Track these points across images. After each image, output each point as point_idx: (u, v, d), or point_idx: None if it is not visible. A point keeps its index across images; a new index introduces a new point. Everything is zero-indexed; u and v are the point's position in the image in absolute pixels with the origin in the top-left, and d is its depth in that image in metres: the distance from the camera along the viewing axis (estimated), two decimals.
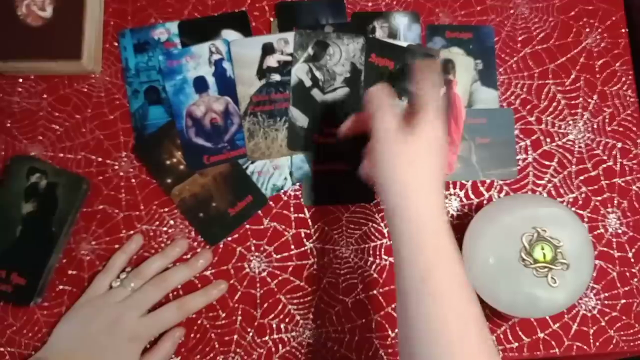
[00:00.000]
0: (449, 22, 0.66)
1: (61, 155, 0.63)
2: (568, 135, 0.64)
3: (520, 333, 0.60)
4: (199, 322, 0.60)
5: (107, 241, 0.61)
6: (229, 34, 0.64)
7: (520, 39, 0.66)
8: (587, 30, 0.66)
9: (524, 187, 0.63)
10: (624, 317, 0.61)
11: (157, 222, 0.62)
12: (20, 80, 0.64)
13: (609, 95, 0.65)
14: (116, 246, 0.61)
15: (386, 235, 0.62)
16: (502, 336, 0.60)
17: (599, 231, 0.62)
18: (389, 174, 0.47)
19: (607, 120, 0.65)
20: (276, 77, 0.63)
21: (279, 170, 0.62)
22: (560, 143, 0.64)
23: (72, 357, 0.55)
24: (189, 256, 0.61)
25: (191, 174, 0.62)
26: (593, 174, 0.64)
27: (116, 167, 0.63)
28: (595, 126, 0.65)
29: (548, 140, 0.64)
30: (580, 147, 0.64)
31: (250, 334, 0.60)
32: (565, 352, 0.60)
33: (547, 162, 0.64)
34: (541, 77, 0.65)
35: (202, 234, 0.61)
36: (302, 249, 0.62)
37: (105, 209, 0.62)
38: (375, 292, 0.61)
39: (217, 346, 0.60)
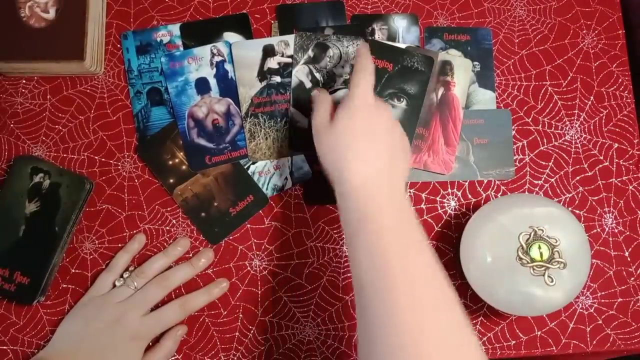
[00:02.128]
0: (447, 25, 0.66)
1: (64, 155, 0.63)
2: (565, 136, 0.65)
3: (517, 331, 0.61)
4: (201, 320, 0.61)
5: (110, 240, 0.62)
6: (230, 36, 0.65)
7: (517, 40, 0.67)
8: (584, 31, 0.67)
9: (521, 187, 0.64)
10: (620, 316, 0.61)
11: (160, 222, 0.62)
12: (24, 81, 0.65)
13: (606, 96, 0.66)
14: (119, 245, 0.61)
15: None
16: (499, 334, 0.61)
17: (595, 230, 0.63)
18: (325, 161, 0.51)
19: (603, 121, 0.65)
20: (277, 79, 0.64)
21: (279, 171, 0.63)
22: (557, 143, 0.65)
23: (75, 356, 0.55)
24: (190, 255, 0.61)
25: (193, 174, 0.63)
26: (590, 174, 0.64)
27: (119, 167, 0.63)
28: (591, 127, 0.65)
29: (545, 140, 0.65)
30: (577, 147, 0.65)
31: (252, 331, 0.61)
32: (562, 350, 0.61)
33: (544, 163, 0.64)
34: (538, 79, 0.66)
35: (203, 233, 0.62)
36: (303, 247, 0.62)
37: (108, 208, 0.62)
38: None
39: (218, 344, 0.60)
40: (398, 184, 0.49)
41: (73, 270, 0.61)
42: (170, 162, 0.63)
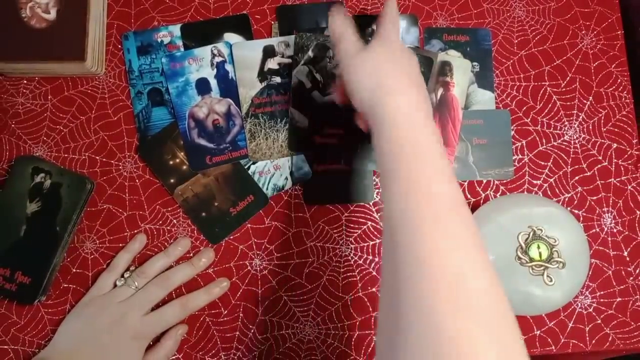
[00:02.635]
0: (447, 25, 0.67)
1: (65, 155, 0.64)
2: (564, 136, 0.65)
3: None
4: (202, 319, 0.61)
5: (110, 240, 0.62)
6: (230, 37, 0.65)
7: (516, 41, 0.67)
8: (583, 32, 0.67)
9: (520, 187, 0.64)
10: (619, 315, 0.62)
11: (160, 222, 0.63)
12: (25, 81, 0.65)
13: (605, 96, 0.66)
14: (120, 245, 0.62)
15: None
16: None
17: (594, 230, 0.63)
18: (360, 88, 0.49)
19: (602, 121, 0.65)
20: (277, 79, 0.64)
21: (279, 171, 0.63)
22: (556, 144, 0.65)
23: (76, 356, 0.55)
24: (191, 255, 0.62)
25: (194, 174, 0.63)
26: (588, 174, 0.64)
27: (120, 167, 0.63)
28: (590, 127, 0.65)
29: (544, 140, 0.65)
30: (575, 147, 0.65)
31: (252, 330, 0.61)
32: (561, 350, 0.61)
33: (543, 163, 0.64)
34: (537, 79, 0.66)
35: (204, 233, 0.62)
36: (303, 247, 0.62)
37: (109, 208, 0.63)
38: (374, 289, 0.62)
39: (219, 343, 0.61)
40: (432, 118, 0.48)
41: (74, 270, 0.61)
42: (171, 162, 0.63)
